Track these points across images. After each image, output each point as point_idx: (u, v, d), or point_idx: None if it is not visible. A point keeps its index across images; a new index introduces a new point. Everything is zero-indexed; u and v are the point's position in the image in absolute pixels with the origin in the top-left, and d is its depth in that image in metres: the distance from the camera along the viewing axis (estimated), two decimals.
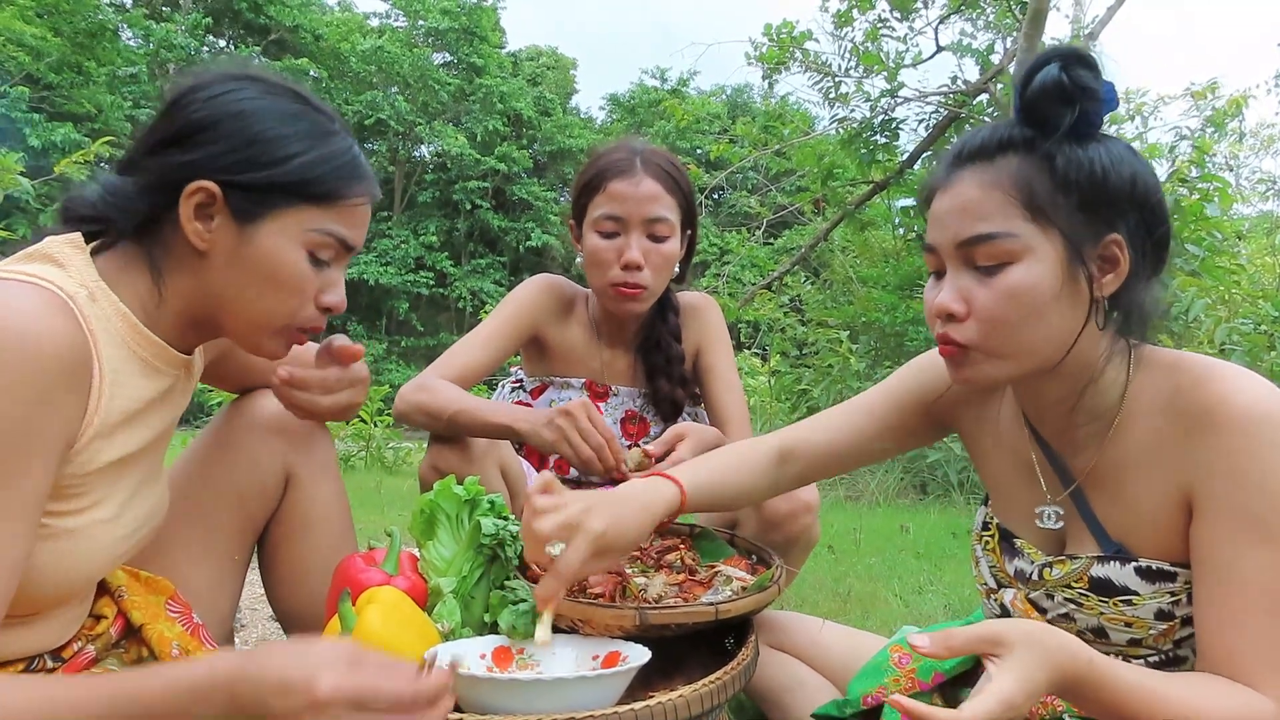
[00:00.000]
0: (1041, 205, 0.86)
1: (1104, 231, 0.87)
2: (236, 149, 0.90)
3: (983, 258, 0.88)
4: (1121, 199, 0.87)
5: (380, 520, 3.35)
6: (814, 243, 7.94)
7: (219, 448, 1.21)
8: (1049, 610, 0.97)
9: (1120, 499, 0.93)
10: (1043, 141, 0.88)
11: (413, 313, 21.88)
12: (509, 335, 1.65)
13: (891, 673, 1.11)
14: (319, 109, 0.97)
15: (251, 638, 2.02)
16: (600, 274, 1.58)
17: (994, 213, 0.87)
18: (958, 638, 0.73)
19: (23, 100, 14.91)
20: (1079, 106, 0.86)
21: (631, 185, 1.55)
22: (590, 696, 0.89)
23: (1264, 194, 12.89)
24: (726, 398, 1.69)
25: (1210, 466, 0.84)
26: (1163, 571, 0.89)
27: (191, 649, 1.03)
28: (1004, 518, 1.06)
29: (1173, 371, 0.90)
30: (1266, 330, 3.85)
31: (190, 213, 0.90)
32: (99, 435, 0.87)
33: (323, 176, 0.93)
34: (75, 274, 0.87)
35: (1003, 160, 0.88)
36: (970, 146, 0.91)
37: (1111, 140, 0.90)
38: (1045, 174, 0.87)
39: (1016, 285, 0.86)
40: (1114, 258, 0.88)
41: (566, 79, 27.25)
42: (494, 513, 1.14)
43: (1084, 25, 7.74)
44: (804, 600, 2.39)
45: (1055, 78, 0.85)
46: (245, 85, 0.94)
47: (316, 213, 0.94)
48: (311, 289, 0.97)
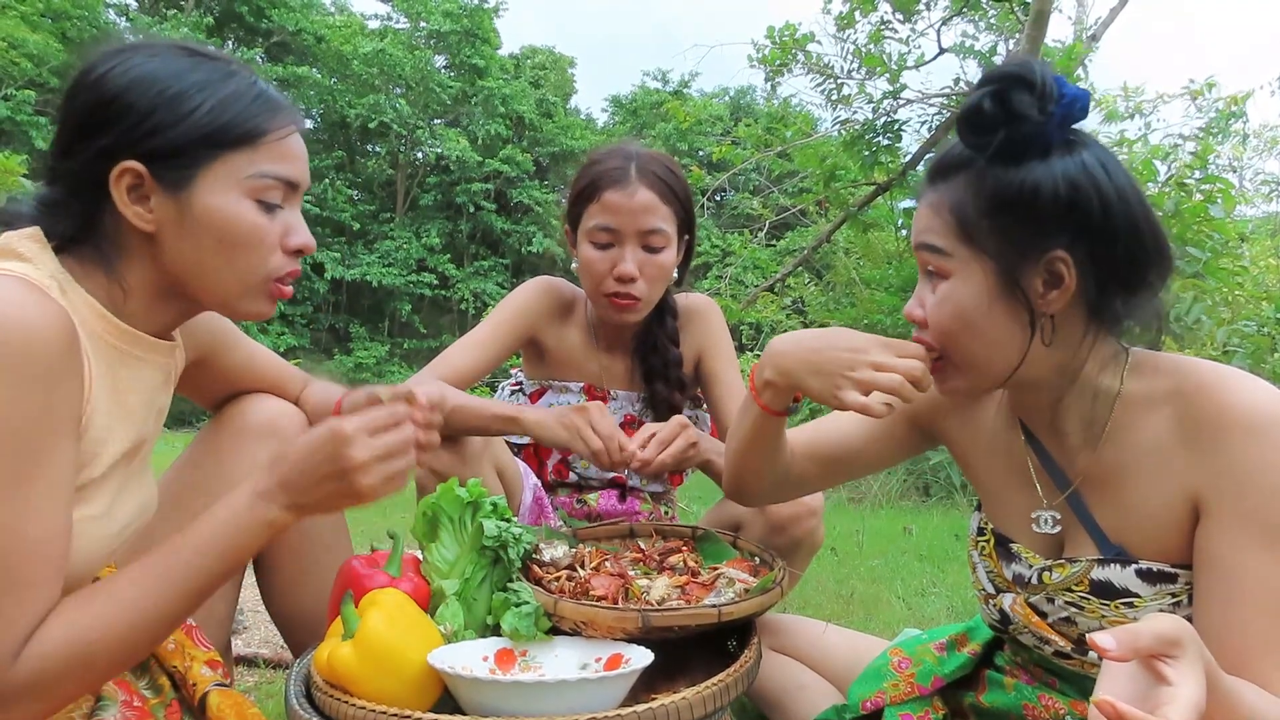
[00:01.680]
0: (970, 229, 0.90)
1: (1041, 249, 0.87)
2: (142, 119, 0.88)
3: (928, 263, 0.94)
4: (1056, 216, 0.86)
5: (382, 522, 3.35)
6: (816, 244, 7.93)
7: (211, 452, 1.21)
8: (1050, 614, 0.96)
9: (1119, 501, 0.93)
10: (980, 163, 0.89)
11: (415, 314, 21.87)
12: (506, 338, 1.64)
13: (891, 677, 1.11)
14: (212, 56, 0.95)
15: (253, 640, 2.02)
16: (594, 284, 1.57)
17: (937, 229, 0.93)
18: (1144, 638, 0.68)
19: (28, 104, 14.96)
20: (1006, 133, 0.86)
21: (626, 196, 1.53)
22: (593, 699, 0.89)
23: (1268, 195, 12.87)
24: (730, 403, 1.69)
25: (1218, 471, 0.84)
26: (1164, 573, 0.89)
27: (188, 647, 1.03)
28: (999, 523, 1.06)
29: (1171, 375, 0.90)
30: (1269, 332, 3.85)
31: (124, 198, 0.89)
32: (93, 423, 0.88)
33: (236, 118, 0.91)
34: (42, 267, 0.87)
35: (953, 179, 0.92)
36: (935, 164, 0.97)
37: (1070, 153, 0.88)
38: (977, 196, 0.89)
39: (949, 298, 0.92)
40: (1059, 274, 0.88)
41: (565, 78, 27.22)
42: (496, 515, 1.14)
43: (1086, 26, 7.74)
44: (806, 602, 2.39)
45: (976, 104, 0.87)
46: (130, 55, 0.91)
47: (245, 156, 0.92)
48: (272, 237, 0.95)
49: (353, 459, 0.88)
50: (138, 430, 0.98)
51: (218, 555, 0.88)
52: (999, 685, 1.05)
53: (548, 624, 1.05)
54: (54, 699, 0.83)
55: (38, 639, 0.79)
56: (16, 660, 0.77)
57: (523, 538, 1.13)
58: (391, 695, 0.92)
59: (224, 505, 0.90)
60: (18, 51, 14.71)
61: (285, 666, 1.81)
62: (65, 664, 0.80)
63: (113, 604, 0.83)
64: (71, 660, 0.80)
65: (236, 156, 0.92)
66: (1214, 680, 0.70)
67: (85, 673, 0.82)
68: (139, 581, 0.85)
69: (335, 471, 0.89)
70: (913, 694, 1.07)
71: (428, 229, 22.00)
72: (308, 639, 1.23)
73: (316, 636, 1.06)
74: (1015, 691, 1.02)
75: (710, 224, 19.14)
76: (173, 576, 0.86)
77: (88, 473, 0.89)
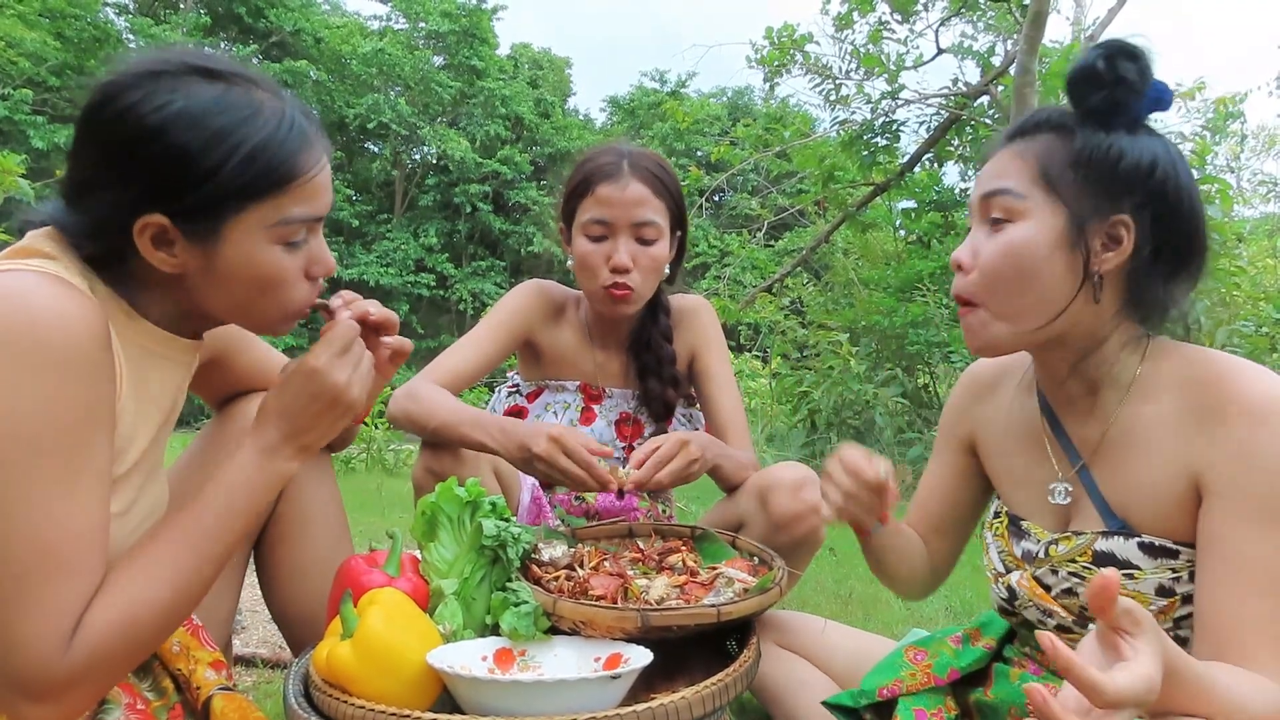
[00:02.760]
0: (1053, 176, 0.94)
1: (1110, 210, 0.93)
2: (167, 175, 0.85)
3: (995, 209, 0.97)
4: (1133, 182, 0.92)
5: (381, 522, 3.35)
6: (815, 244, 7.94)
7: (213, 450, 1.22)
8: (1053, 587, 0.99)
9: (1124, 475, 0.96)
10: (1072, 120, 0.95)
11: (413, 315, 21.87)
12: (500, 341, 1.65)
13: (907, 668, 1.11)
14: (233, 77, 0.89)
15: (252, 639, 2.02)
16: (589, 277, 1.59)
17: (1013, 174, 0.96)
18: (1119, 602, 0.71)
19: (25, 103, 14.94)
20: (1110, 93, 0.92)
21: (618, 189, 1.55)
22: (592, 698, 0.89)
23: (1265, 196, 12.89)
24: (723, 402, 1.69)
25: (1224, 453, 0.87)
26: (1165, 549, 0.92)
27: (193, 649, 1.03)
28: (1013, 504, 1.10)
29: (1188, 363, 0.94)
30: (1268, 332, 3.85)
31: (148, 246, 0.88)
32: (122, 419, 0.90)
33: (265, 168, 0.88)
34: (70, 265, 0.88)
35: (1037, 136, 0.97)
36: (1017, 125, 1.01)
37: (1150, 134, 0.95)
38: (1065, 149, 0.94)
39: (1014, 240, 0.94)
40: (1119, 237, 0.93)
41: (562, 79, 27.22)
42: (495, 514, 1.14)
43: (1084, 27, 7.75)
44: (805, 602, 2.39)
45: (1090, 63, 0.93)
46: (151, 86, 0.85)
47: (272, 204, 0.89)
48: (296, 273, 0.96)
49: (337, 383, 0.95)
50: (158, 428, 0.99)
51: (239, 517, 0.92)
52: (1004, 676, 1.05)
53: (547, 623, 1.05)
54: (106, 680, 0.86)
55: (86, 623, 0.82)
56: (69, 648, 0.80)
57: (521, 537, 1.13)
58: (390, 695, 0.91)
59: (233, 469, 0.94)
60: (15, 50, 14.70)
61: (283, 666, 1.81)
62: (116, 643, 0.83)
63: (150, 579, 0.86)
64: (122, 638, 0.83)
65: (265, 205, 0.89)
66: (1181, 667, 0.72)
67: (133, 648, 0.85)
68: (168, 553, 0.88)
69: (327, 402, 0.96)
70: (929, 684, 1.08)
71: (426, 229, 22.00)
72: (307, 638, 1.23)
73: (316, 635, 1.06)
74: (1020, 681, 1.03)
75: (708, 224, 19.15)
76: (202, 546, 0.90)
77: (115, 469, 0.90)
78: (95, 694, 0.86)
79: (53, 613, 0.80)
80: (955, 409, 1.22)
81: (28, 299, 0.79)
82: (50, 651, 0.79)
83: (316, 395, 0.95)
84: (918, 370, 6.17)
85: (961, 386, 1.23)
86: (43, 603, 0.79)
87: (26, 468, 0.78)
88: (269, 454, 0.94)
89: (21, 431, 0.78)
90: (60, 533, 0.80)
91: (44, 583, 0.79)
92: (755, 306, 7.43)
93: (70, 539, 0.81)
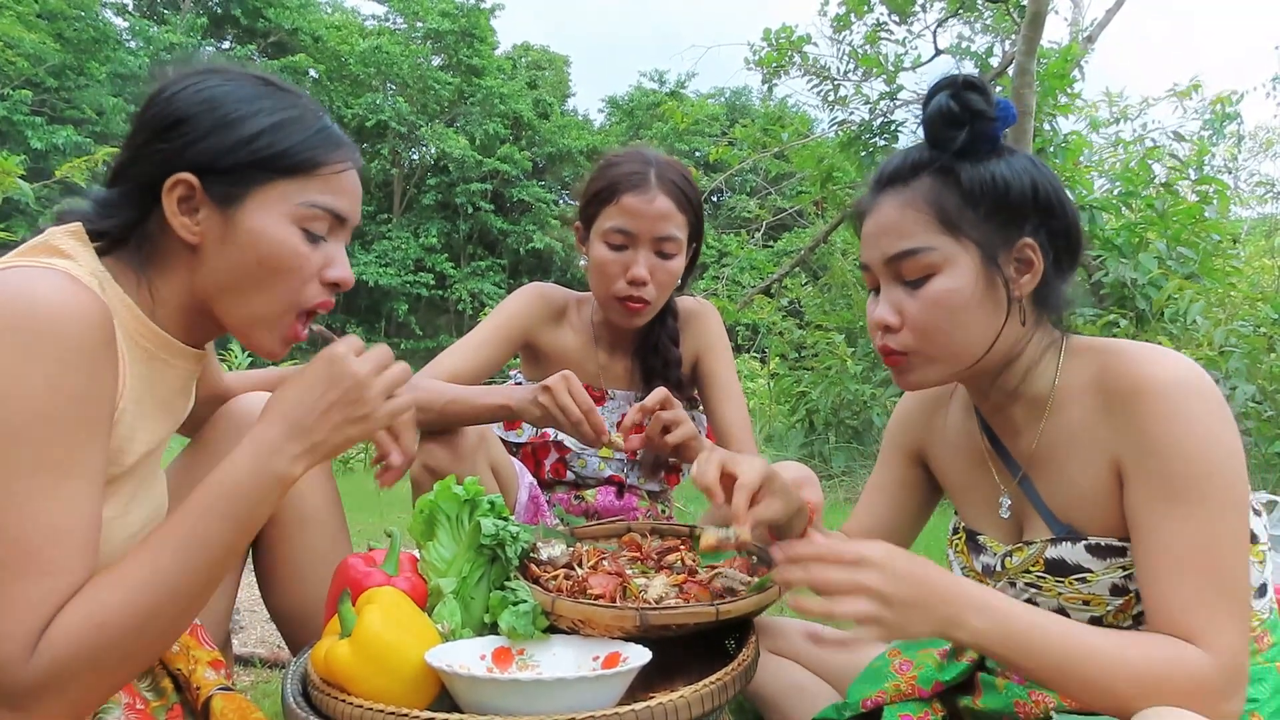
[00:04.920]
0: (952, 219, 0.95)
1: (1014, 236, 0.96)
2: (205, 135, 0.91)
3: (909, 272, 0.97)
4: (1025, 205, 0.96)
5: (379, 521, 3.35)
6: (813, 245, 7.93)
7: (208, 450, 1.21)
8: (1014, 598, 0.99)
9: (1060, 480, 0.98)
10: (946, 161, 0.96)
11: (412, 315, 21.85)
12: (499, 343, 1.66)
13: (892, 678, 1.11)
14: (283, 88, 0.98)
15: (250, 639, 2.02)
16: (605, 285, 1.59)
17: (913, 230, 0.96)
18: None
19: (24, 104, 14.92)
20: (971, 128, 0.95)
21: (645, 202, 1.55)
22: (590, 697, 0.89)
23: (1262, 197, 12.90)
24: (727, 404, 1.70)
25: (1132, 436, 0.89)
26: (1111, 547, 0.93)
27: (193, 648, 1.03)
28: (969, 519, 1.11)
29: (1099, 354, 0.96)
30: (1265, 332, 3.85)
31: (174, 207, 0.91)
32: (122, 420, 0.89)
33: (295, 146, 0.94)
34: (83, 263, 0.89)
35: (916, 182, 0.98)
36: (888, 171, 1.01)
37: (1013, 154, 0.98)
38: (953, 190, 0.96)
39: (940, 293, 0.95)
40: (1028, 259, 0.97)
41: (562, 78, 27.22)
42: (494, 513, 1.14)
43: (1082, 28, 7.76)
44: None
45: (945, 104, 0.95)
46: (208, 77, 0.94)
47: (298, 185, 0.94)
48: (311, 266, 0.96)
49: (357, 373, 0.90)
50: (158, 432, 0.99)
51: (230, 521, 0.85)
52: (991, 687, 1.06)
53: (545, 622, 1.05)
54: (78, 692, 0.80)
55: (53, 627, 0.77)
56: (34, 651, 0.76)
57: (520, 536, 1.13)
58: (389, 694, 0.91)
59: (225, 470, 0.86)
60: (14, 51, 14.69)
61: (282, 666, 1.81)
62: (82, 651, 0.77)
63: (122, 586, 0.80)
64: (88, 647, 0.78)
65: (291, 183, 0.94)
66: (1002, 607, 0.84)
67: (104, 659, 0.79)
68: (150, 561, 0.82)
69: (340, 395, 0.89)
70: (913, 695, 1.08)
71: (426, 228, 21.98)
72: (305, 637, 1.23)
73: (314, 635, 1.06)
74: (1006, 691, 1.04)
75: (707, 225, 19.14)
76: (183, 552, 0.83)
77: (112, 469, 0.89)
78: (72, 703, 0.80)
79: (20, 611, 0.75)
80: (902, 421, 1.23)
81: (29, 289, 0.79)
82: (15, 651, 0.75)
83: (332, 383, 0.89)
84: None
85: (908, 399, 1.24)
86: (12, 600, 0.75)
87: (8, 456, 0.76)
88: (267, 454, 0.86)
89: (7, 418, 0.75)
90: (38, 528, 0.76)
91: (14, 579, 0.75)
92: (753, 307, 7.43)
93: (49, 536, 0.77)
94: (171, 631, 0.86)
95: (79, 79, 16.92)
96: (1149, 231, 4.72)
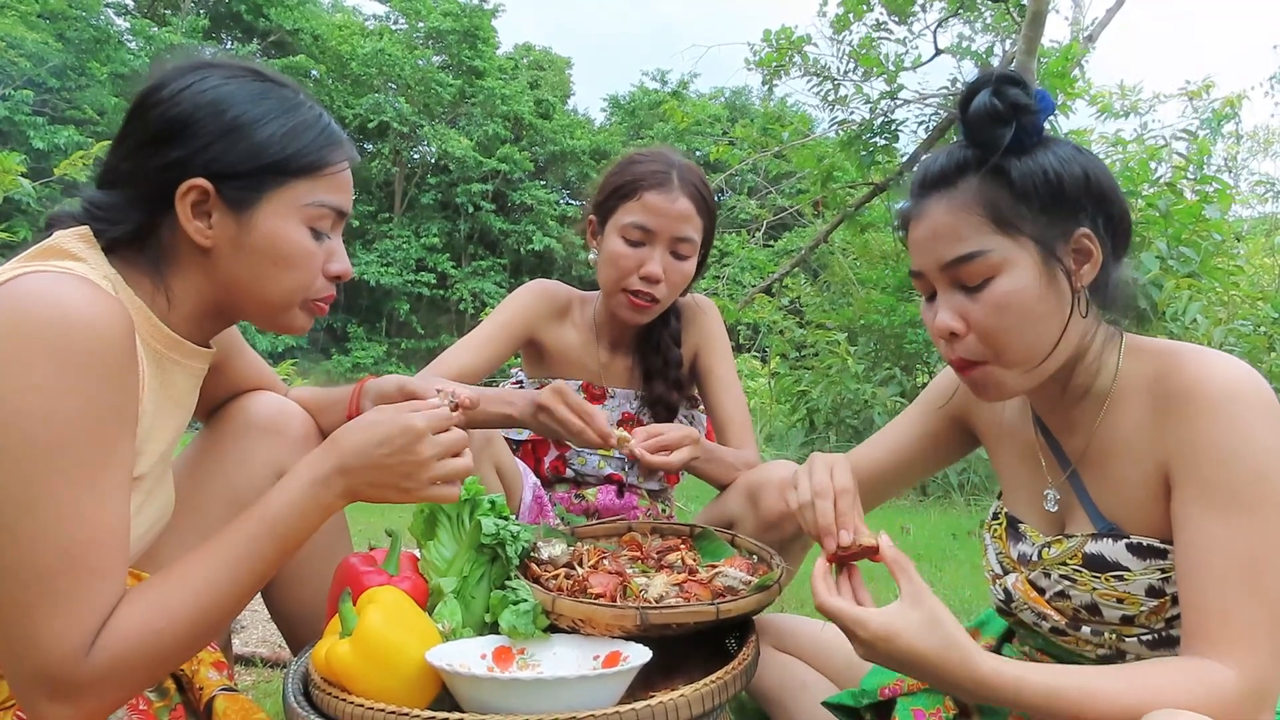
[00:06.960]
0: (1007, 218, 0.93)
1: (1071, 228, 0.94)
2: (216, 140, 0.92)
3: (967, 277, 0.94)
4: (1079, 195, 0.94)
5: (380, 521, 3.35)
6: (814, 244, 7.93)
7: (213, 449, 1.22)
8: (1046, 589, 1.00)
9: (1110, 479, 0.97)
10: (993, 159, 0.93)
11: (413, 314, 21.85)
12: (503, 340, 1.66)
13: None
14: (280, 82, 0.99)
15: (251, 638, 2.02)
16: (615, 278, 1.59)
17: (968, 234, 0.93)
18: None
19: (25, 103, 14.93)
20: (1015, 123, 0.92)
21: (668, 201, 1.57)
22: (591, 696, 0.89)
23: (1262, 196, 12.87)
24: (726, 402, 1.70)
25: (1184, 443, 0.88)
26: (1153, 548, 0.92)
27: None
28: (1012, 506, 1.10)
29: (1158, 357, 0.95)
30: (1266, 331, 3.85)
31: (188, 213, 0.91)
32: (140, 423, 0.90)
33: (304, 148, 0.96)
34: (96, 267, 0.89)
35: (963, 183, 0.95)
36: (931, 174, 0.98)
37: (1056, 142, 0.96)
38: (1004, 188, 0.94)
39: (1003, 296, 0.92)
40: (1086, 249, 0.95)
41: (562, 79, 27.20)
42: (494, 513, 1.14)
43: (1083, 27, 7.75)
44: (803, 602, 2.39)
45: (989, 103, 0.92)
46: (206, 74, 0.94)
47: (307, 186, 0.96)
48: (318, 262, 1.00)
49: (421, 454, 0.93)
50: (172, 431, 1.00)
51: (277, 540, 0.91)
52: None
53: (546, 622, 1.06)
54: (126, 688, 0.85)
55: (109, 629, 0.81)
56: (92, 650, 0.80)
57: (521, 535, 1.13)
58: (389, 693, 0.92)
59: (280, 492, 0.92)
60: (15, 51, 14.69)
61: (282, 665, 1.81)
62: (137, 653, 0.82)
63: (177, 593, 0.86)
64: (143, 649, 0.82)
65: (300, 184, 0.96)
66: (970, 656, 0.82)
67: (155, 661, 0.85)
68: (200, 571, 0.87)
69: (400, 464, 0.93)
70: (926, 688, 1.08)
71: (427, 228, 21.97)
72: (307, 637, 1.23)
73: (315, 634, 1.06)
74: None
75: None
76: (233, 565, 0.88)
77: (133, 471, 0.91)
78: (115, 700, 0.85)
79: (79, 613, 0.79)
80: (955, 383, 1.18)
81: (61, 300, 0.79)
82: (74, 652, 0.79)
83: (400, 450, 0.93)
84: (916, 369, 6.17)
85: None
86: (70, 603, 0.79)
87: (56, 467, 0.78)
88: (318, 482, 0.92)
89: (51, 431, 0.78)
90: (88, 533, 0.80)
91: (72, 583, 0.79)
92: (754, 306, 7.43)
93: (97, 540, 0.80)
94: (208, 638, 0.90)
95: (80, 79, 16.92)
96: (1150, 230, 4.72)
